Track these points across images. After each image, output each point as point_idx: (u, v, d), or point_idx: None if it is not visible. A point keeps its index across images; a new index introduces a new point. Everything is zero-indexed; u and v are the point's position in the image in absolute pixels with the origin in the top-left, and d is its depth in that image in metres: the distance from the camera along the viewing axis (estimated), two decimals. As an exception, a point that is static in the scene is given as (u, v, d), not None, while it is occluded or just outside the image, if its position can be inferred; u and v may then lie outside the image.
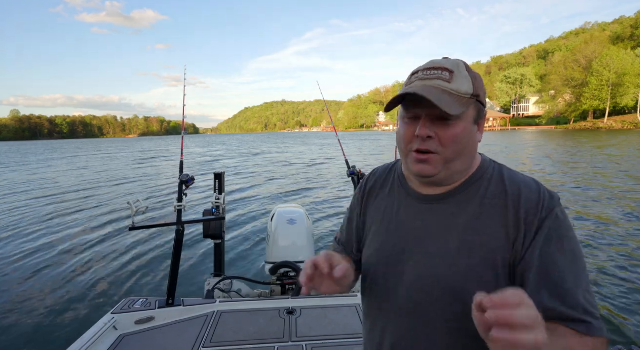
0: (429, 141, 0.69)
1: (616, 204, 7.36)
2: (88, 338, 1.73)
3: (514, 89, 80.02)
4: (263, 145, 44.33)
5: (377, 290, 0.80)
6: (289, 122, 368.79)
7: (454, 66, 0.70)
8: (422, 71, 0.71)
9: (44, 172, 18.70)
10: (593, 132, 42.14)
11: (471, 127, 0.70)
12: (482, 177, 0.73)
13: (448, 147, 0.69)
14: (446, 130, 0.68)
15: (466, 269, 0.67)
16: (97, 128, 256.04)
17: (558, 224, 0.65)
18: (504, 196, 0.69)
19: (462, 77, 0.69)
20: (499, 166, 0.76)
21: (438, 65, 0.70)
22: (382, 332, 0.78)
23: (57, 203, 9.72)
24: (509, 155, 18.81)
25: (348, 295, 2.29)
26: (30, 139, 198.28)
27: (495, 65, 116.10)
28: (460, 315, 0.66)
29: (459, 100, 0.68)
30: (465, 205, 0.71)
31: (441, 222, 0.72)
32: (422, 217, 0.74)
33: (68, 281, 4.51)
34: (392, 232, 0.78)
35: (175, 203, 2.20)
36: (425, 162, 0.70)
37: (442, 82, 0.68)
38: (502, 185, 0.70)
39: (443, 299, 0.69)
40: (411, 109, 0.71)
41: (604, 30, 78.97)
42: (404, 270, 0.74)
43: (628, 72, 50.77)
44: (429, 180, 0.73)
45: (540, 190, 0.68)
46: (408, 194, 0.79)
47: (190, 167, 18.40)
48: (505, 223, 0.66)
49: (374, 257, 0.81)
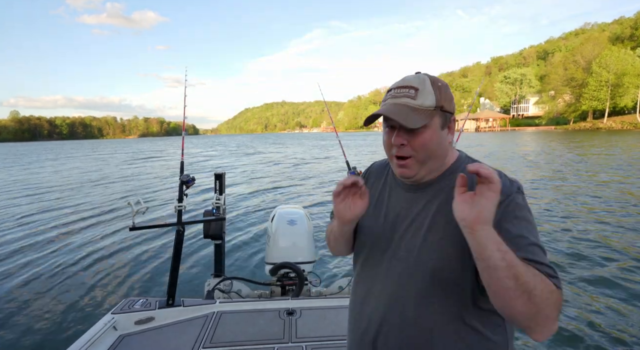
0: (403, 148, 0.86)
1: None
2: (88, 338, 1.73)
3: (514, 89, 79.96)
4: (260, 145, 44.32)
5: (366, 262, 0.97)
6: (288, 122, 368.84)
7: (420, 83, 0.85)
8: (394, 89, 0.88)
9: (39, 172, 18.71)
10: (592, 133, 42.19)
11: (439, 133, 0.86)
12: (456, 170, 0.88)
13: (419, 151, 0.85)
14: (415, 138, 0.84)
15: (434, 244, 0.84)
16: (97, 129, 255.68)
17: (514, 207, 0.79)
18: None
19: (426, 93, 0.84)
20: (471, 160, 0.92)
21: (406, 84, 0.86)
22: (366, 295, 0.94)
23: (57, 202, 9.73)
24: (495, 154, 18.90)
25: (348, 297, 2.28)
26: (29, 140, 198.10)
27: (495, 66, 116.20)
28: (427, 280, 0.83)
29: (422, 114, 0.83)
30: (439, 193, 0.87)
31: (419, 208, 0.89)
32: (406, 203, 0.92)
33: (68, 281, 4.51)
34: (383, 214, 0.95)
35: (176, 203, 2.20)
36: (404, 166, 0.87)
37: (408, 100, 0.84)
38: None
39: (414, 267, 0.85)
40: (387, 120, 0.87)
41: (603, 31, 78.93)
42: (389, 246, 0.91)
43: (627, 73, 50.73)
44: (410, 180, 0.91)
45: (500, 177, 0.78)
46: (397, 184, 0.97)
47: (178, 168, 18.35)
48: None
49: (367, 235, 0.98)
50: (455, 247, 0.81)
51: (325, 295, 2.57)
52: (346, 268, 4.70)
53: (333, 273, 4.60)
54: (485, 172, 0.67)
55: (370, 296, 0.93)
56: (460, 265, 0.80)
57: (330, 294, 2.58)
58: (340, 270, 4.65)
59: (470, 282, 0.81)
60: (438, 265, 0.82)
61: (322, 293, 2.61)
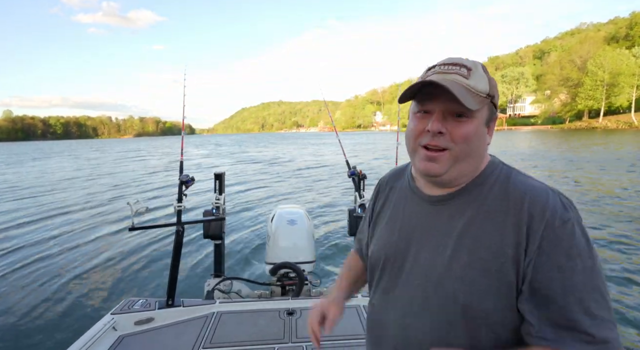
0: (439, 137, 0.68)
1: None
2: (87, 339, 1.72)
3: (511, 88, 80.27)
4: (256, 146, 44.25)
5: (378, 285, 0.84)
6: (286, 122, 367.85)
7: (472, 64, 0.69)
8: (440, 65, 0.70)
9: (37, 171, 18.57)
10: (587, 132, 42.50)
11: (482, 128, 0.70)
12: (487, 181, 0.71)
13: (459, 143, 0.67)
14: (459, 127, 0.67)
15: (458, 271, 0.67)
16: (92, 129, 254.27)
17: (561, 238, 0.60)
18: (505, 201, 0.66)
19: (479, 76, 0.68)
20: (507, 169, 0.73)
21: (456, 62, 0.69)
22: (380, 322, 0.82)
23: (56, 202, 9.66)
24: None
25: None
26: (23, 140, 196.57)
27: (491, 65, 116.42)
28: (450, 315, 0.68)
29: (475, 97, 0.67)
30: (464, 209, 0.70)
31: (440, 224, 0.72)
32: (424, 218, 0.76)
33: (67, 282, 4.48)
34: (397, 229, 0.80)
35: (175, 203, 2.19)
36: (434, 159, 0.69)
37: (460, 78, 0.67)
38: (505, 189, 0.68)
39: (435, 297, 0.70)
40: (426, 102, 0.70)
41: (598, 31, 79.41)
42: (404, 267, 0.76)
43: (622, 72, 51.09)
44: (434, 180, 0.73)
45: (549, 197, 0.64)
46: (414, 194, 0.80)
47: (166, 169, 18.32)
48: (502, 228, 0.64)
49: (380, 251, 0.83)
50: (487, 279, 0.64)
51: (326, 295, 2.57)
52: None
53: (333, 273, 4.60)
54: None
55: (383, 326, 0.81)
56: (493, 303, 0.64)
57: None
58: (340, 270, 4.65)
59: (508, 328, 0.66)
60: (464, 300, 0.66)
61: (322, 293, 2.61)
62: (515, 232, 0.63)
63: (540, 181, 0.69)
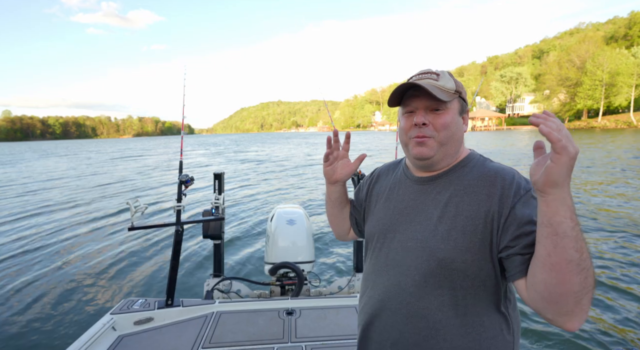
0: (424, 128, 0.88)
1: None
2: (87, 339, 1.73)
3: (509, 88, 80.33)
4: (255, 145, 44.22)
5: (374, 252, 0.99)
6: (285, 122, 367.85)
7: (440, 72, 0.91)
8: (415, 75, 0.92)
9: (38, 169, 18.53)
10: (586, 131, 42.54)
11: (457, 117, 0.90)
12: (467, 165, 0.91)
13: (440, 131, 0.87)
14: (438, 118, 0.88)
15: (443, 233, 0.84)
16: (91, 129, 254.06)
17: (528, 201, 0.79)
18: (482, 179, 0.85)
19: (446, 79, 0.90)
20: (483, 158, 0.93)
21: (427, 70, 0.92)
22: (374, 285, 0.96)
23: (56, 202, 9.66)
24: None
25: (347, 296, 2.29)
26: (22, 140, 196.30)
27: (490, 65, 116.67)
28: (435, 269, 0.84)
29: (446, 93, 0.87)
30: (449, 186, 0.89)
31: (429, 199, 0.91)
32: (415, 195, 0.94)
33: (67, 282, 4.49)
34: (392, 206, 0.98)
35: (175, 203, 2.19)
36: (423, 144, 0.88)
37: (432, 81, 0.88)
38: (482, 171, 0.87)
39: (422, 256, 0.86)
40: (409, 102, 0.90)
41: (597, 30, 79.56)
42: (395, 236, 0.93)
43: (621, 72, 51.15)
44: (426, 162, 0.90)
45: (514, 175, 0.84)
46: (407, 177, 0.99)
47: (159, 171, 18.32)
48: (481, 199, 0.82)
49: (375, 226, 1.00)
50: (465, 237, 0.81)
51: (325, 295, 2.57)
52: (345, 268, 4.70)
53: (332, 273, 4.60)
54: (554, 138, 0.60)
55: (376, 287, 0.95)
56: (471, 257, 0.81)
57: (330, 294, 2.58)
58: (339, 270, 4.66)
59: (486, 277, 0.82)
60: (447, 256, 0.82)
61: (321, 293, 2.61)
62: (489, 202, 0.81)
63: (508, 166, 0.88)
